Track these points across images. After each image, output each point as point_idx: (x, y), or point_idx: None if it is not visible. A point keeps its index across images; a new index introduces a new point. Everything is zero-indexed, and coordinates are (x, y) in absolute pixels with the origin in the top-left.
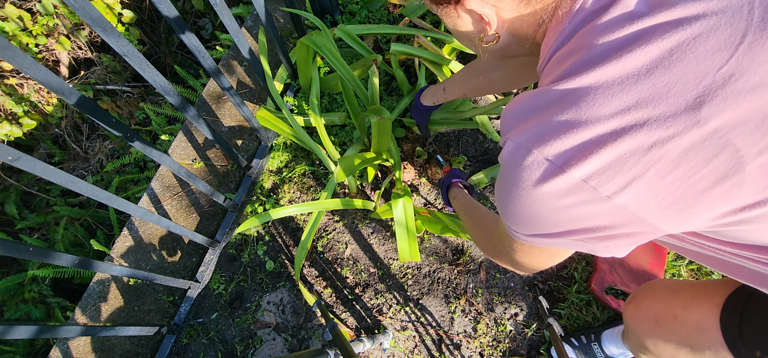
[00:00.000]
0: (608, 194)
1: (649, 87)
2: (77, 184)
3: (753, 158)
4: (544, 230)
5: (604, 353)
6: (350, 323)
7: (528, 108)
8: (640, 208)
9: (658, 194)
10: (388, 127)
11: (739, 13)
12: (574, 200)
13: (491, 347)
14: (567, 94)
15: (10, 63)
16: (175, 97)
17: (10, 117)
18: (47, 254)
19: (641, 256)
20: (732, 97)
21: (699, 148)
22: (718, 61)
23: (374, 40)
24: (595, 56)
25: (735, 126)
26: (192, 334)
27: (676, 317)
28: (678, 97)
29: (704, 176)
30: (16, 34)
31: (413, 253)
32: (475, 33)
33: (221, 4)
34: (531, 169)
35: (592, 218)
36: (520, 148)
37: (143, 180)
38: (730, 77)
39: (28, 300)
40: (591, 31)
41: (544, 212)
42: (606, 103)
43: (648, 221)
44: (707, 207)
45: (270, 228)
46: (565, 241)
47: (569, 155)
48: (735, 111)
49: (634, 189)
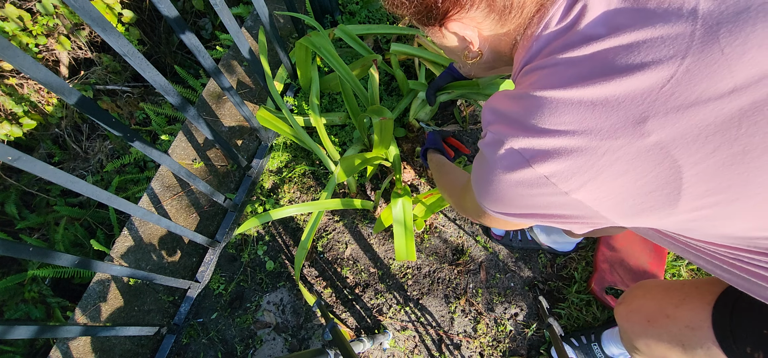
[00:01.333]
0: (566, 191)
1: (603, 102)
2: (77, 184)
3: (689, 168)
4: (511, 209)
5: (604, 353)
6: (350, 323)
7: (505, 108)
8: (595, 203)
9: (610, 193)
10: (389, 127)
11: (681, 37)
12: (538, 191)
13: (491, 347)
14: (533, 104)
15: (10, 63)
16: (175, 97)
17: (10, 117)
18: (47, 254)
19: (641, 256)
20: (672, 113)
21: (644, 157)
22: (661, 81)
23: (374, 40)
24: (558, 73)
25: (674, 139)
26: (192, 334)
27: (668, 316)
28: (626, 113)
29: (648, 182)
30: (16, 34)
31: (410, 252)
32: (460, 50)
33: (221, 4)
34: (504, 158)
35: (554, 207)
36: (497, 139)
37: (143, 180)
38: (671, 95)
39: (28, 300)
40: (554, 50)
41: (512, 196)
42: (564, 114)
43: (602, 214)
44: (651, 208)
45: (270, 228)
46: (529, 220)
47: (534, 153)
48: (674, 126)
49: (589, 188)
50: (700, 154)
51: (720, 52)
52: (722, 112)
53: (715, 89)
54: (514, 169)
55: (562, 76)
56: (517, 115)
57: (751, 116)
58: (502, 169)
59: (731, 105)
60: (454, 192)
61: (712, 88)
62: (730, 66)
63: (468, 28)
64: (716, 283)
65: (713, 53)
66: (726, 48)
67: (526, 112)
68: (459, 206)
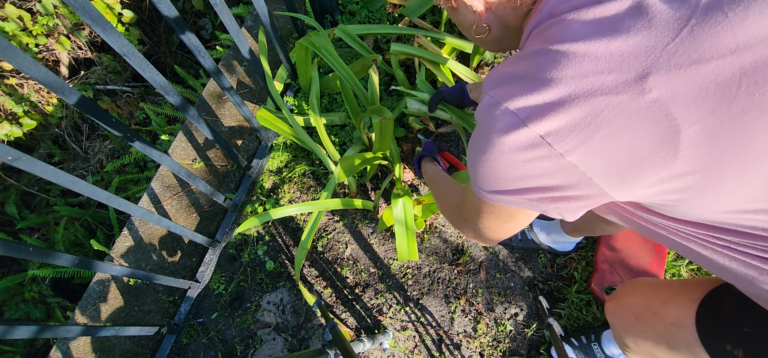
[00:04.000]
0: (562, 151)
1: (607, 57)
2: (77, 184)
3: (687, 127)
4: (504, 185)
5: (604, 353)
6: (350, 323)
7: (506, 71)
8: (589, 168)
9: (604, 155)
10: (389, 127)
11: (687, 2)
12: (533, 154)
13: (491, 347)
14: (537, 59)
15: (10, 63)
16: (175, 97)
17: (10, 117)
18: (47, 254)
19: (641, 256)
20: (674, 69)
21: (642, 114)
22: (665, 39)
23: (374, 40)
24: (564, 30)
25: (674, 97)
26: (192, 334)
27: (655, 314)
28: (629, 68)
29: (645, 142)
30: (16, 34)
31: (412, 252)
32: (470, 23)
33: (221, 4)
34: (498, 121)
35: (547, 176)
36: (492, 102)
37: (143, 180)
38: (674, 53)
39: (28, 300)
40: (562, 11)
41: (505, 165)
42: (567, 68)
43: (595, 182)
44: (647, 171)
45: (270, 228)
46: (521, 200)
47: (531, 111)
48: (675, 83)
49: (584, 149)
50: (699, 113)
51: (723, 14)
52: (724, 71)
53: (717, 48)
54: (509, 131)
55: (566, 32)
56: (515, 75)
57: (751, 75)
58: (496, 134)
59: (733, 64)
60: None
61: (714, 47)
62: (733, 27)
63: None
64: (705, 282)
65: (717, 15)
66: (729, 12)
67: (525, 70)
68: (457, 216)
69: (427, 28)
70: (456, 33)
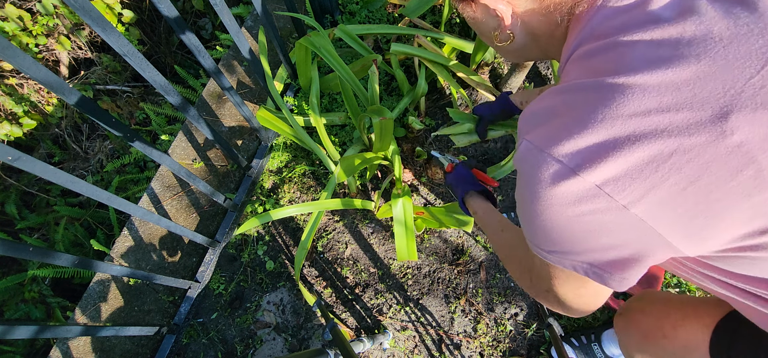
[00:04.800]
0: (625, 203)
1: (673, 91)
2: (77, 184)
3: None
4: (562, 245)
5: (604, 353)
6: (350, 323)
7: (546, 107)
8: (658, 222)
9: (677, 207)
10: (390, 127)
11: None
12: (589, 207)
13: (491, 347)
14: (585, 95)
15: (10, 63)
16: (175, 97)
17: (10, 117)
18: (47, 254)
19: None
20: (761, 109)
21: (723, 161)
22: (748, 72)
23: (374, 40)
24: (617, 57)
25: (762, 141)
26: (192, 334)
27: (665, 336)
28: (703, 105)
29: (726, 193)
30: (16, 34)
31: (411, 252)
32: (491, 29)
33: (221, 4)
34: (541, 170)
35: (609, 232)
36: (532, 148)
37: (143, 180)
38: (760, 89)
39: (28, 300)
40: (613, 30)
41: (558, 221)
42: (625, 105)
43: (665, 237)
44: (727, 226)
45: (270, 228)
46: (582, 258)
47: (582, 157)
48: (764, 125)
49: (652, 199)
50: None
51: None
52: None
53: None
54: (556, 183)
55: (619, 59)
56: (558, 114)
57: None
58: (541, 186)
59: None
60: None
61: None
62: None
63: (501, 2)
64: (718, 305)
65: None
66: None
67: (572, 108)
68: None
69: (427, 28)
70: (456, 33)
